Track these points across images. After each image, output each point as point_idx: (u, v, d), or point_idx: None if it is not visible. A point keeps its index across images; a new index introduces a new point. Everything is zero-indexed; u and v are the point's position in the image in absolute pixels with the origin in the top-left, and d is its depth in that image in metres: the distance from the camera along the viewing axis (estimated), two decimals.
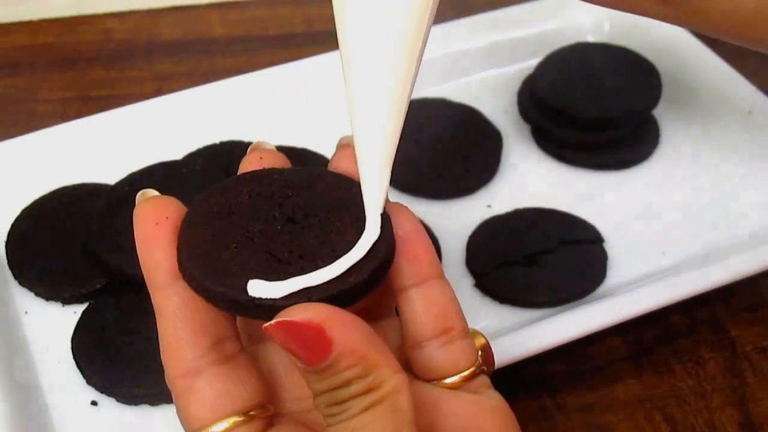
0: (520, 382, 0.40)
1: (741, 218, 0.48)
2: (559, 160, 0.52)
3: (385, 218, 0.26)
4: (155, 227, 0.26)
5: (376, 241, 0.25)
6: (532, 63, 0.55)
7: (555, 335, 0.39)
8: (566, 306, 0.43)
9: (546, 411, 0.40)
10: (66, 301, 0.43)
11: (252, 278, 0.24)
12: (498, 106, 0.55)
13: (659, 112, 0.53)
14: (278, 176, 0.28)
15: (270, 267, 0.24)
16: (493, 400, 0.27)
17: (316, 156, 0.49)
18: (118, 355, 0.40)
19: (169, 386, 0.25)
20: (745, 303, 0.45)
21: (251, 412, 0.25)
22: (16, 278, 0.44)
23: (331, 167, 0.29)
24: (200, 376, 0.25)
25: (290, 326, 0.22)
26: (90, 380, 0.40)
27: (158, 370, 0.39)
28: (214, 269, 0.24)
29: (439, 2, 0.26)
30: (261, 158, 0.29)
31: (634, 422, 0.40)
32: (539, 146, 0.52)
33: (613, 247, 0.46)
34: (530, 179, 0.51)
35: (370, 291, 0.25)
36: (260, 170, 0.28)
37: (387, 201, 0.27)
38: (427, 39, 0.26)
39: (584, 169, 0.51)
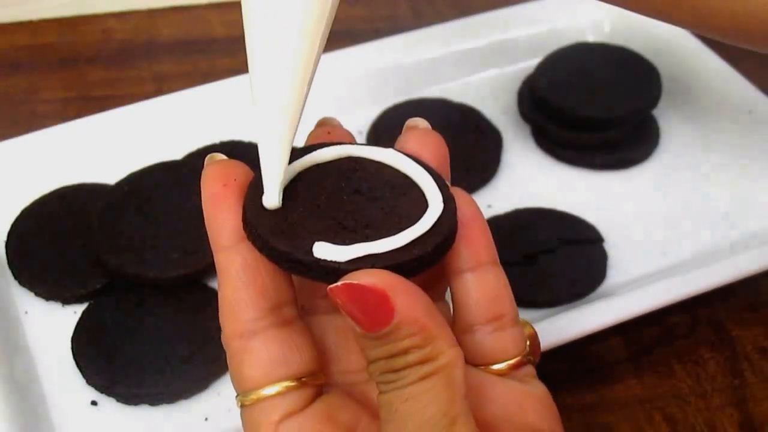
0: None
1: (741, 218, 0.48)
2: (559, 160, 0.52)
3: (450, 198, 0.26)
4: (223, 188, 0.25)
5: (441, 217, 0.25)
6: (532, 63, 0.55)
7: (555, 335, 0.38)
8: (566, 306, 0.43)
9: None
10: (66, 301, 0.43)
11: (318, 241, 0.24)
12: (498, 106, 0.55)
13: (659, 112, 0.53)
14: None
15: (336, 232, 0.25)
16: (538, 390, 0.27)
17: None
18: (118, 355, 0.40)
19: (224, 346, 0.25)
20: (745, 303, 0.45)
21: (303, 379, 0.25)
22: (16, 278, 0.44)
23: (397, 147, 0.28)
24: (257, 338, 0.25)
25: (355, 289, 0.23)
26: (90, 380, 0.40)
27: (158, 370, 0.39)
28: (280, 230, 0.24)
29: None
30: (329, 133, 0.29)
31: (634, 422, 0.40)
32: (539, 146, 0.52)
33: (613, 247, 0.46)
34: (530, 179, 0.51)
35: (432, 265, 0.25)
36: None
37: (450, 185, 0.27)
38: (328, 29, 0.26)
39: (584, 169, 0.51)
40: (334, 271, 0.23)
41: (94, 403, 0.40)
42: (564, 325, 0.39)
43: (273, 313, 0.25)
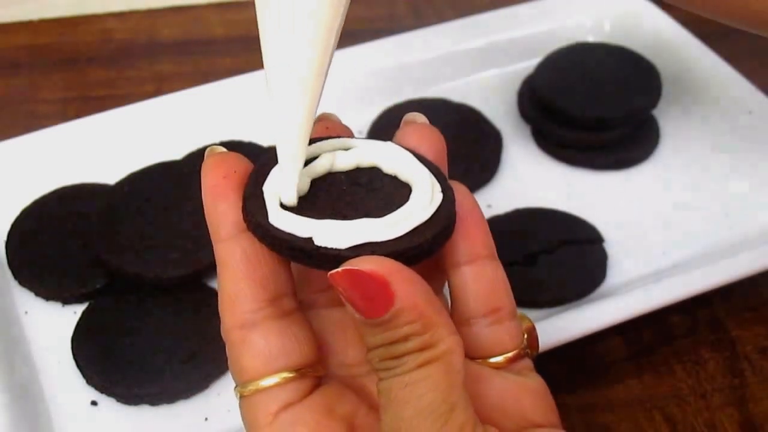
0: None
1: (741, 218, 0.48)
2: (559, 160, 0.52)
3: (449, 189, 0.26)
4: (223, 180, 0.25)
5: (440, 208, 0.25)
6: (532, 63, 0.55)
7: (555, 335, 0.38)
8: (566, 306, 0.43)
9: None
10: (66, 301, 0.43)
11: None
12: (498, 106, 0.55)
13: (659, 112, 0.53)
14: None
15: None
16: (536, 382, 0.27)
17: None
18: (118, 355, 0.40)
19: (224, 337, 0.25)
20: (745, 303, 0.45)
21: (302, 370, 0.25)
22: (16, 278, 0.44)
23: (395, 141, 0.28)
24: (256, 329, 0.25)
25: (356, 275, 0.23)
26: (90, 380, 0.40)
27: (158, 370, 0.39)
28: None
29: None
30: (327, 128, 0.29)
31: (634, 422, 0.40)
32: (539, 146, 0.52)
33: (613, 247, 0.46)
34: (530, 179, 0.51)
35: (431, 254, 0.25)
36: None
37: (449, 179, 0.27)
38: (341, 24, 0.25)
39: (584, 169, 0.51)
40: (335, 258, 0.24)
41: (94, 403, 0.40)
42: (564, 325, 0.39)
43: (273, 305, 0.25)
